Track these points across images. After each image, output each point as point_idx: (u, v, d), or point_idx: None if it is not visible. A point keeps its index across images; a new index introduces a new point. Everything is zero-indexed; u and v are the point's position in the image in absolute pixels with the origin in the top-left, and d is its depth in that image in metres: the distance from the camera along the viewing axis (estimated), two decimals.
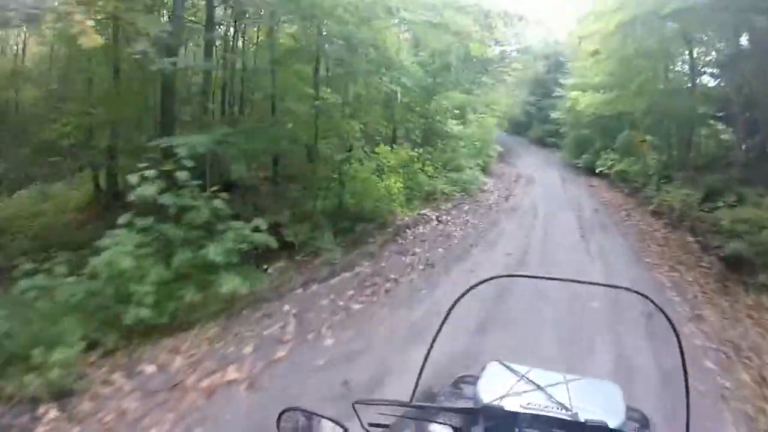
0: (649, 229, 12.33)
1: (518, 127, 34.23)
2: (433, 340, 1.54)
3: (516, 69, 37.83)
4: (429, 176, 15.85)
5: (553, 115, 27.16)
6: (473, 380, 1.50)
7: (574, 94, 22.30)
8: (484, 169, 21.29)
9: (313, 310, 6.78)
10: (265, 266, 8.46)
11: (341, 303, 7.08)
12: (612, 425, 1.16)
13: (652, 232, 11.97)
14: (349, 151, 11.68)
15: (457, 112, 20.16)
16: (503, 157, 24.60)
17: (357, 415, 1.26)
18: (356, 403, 1.26)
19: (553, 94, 27.63)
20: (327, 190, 11.72)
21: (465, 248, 10.22)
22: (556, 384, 1.33)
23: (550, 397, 1.26)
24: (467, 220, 12.55)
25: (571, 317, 6.51)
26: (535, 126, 32.54)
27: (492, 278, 1.58)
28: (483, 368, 1.47)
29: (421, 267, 8.86)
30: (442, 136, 19.41)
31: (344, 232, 11.21)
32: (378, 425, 1.35)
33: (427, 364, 1.54)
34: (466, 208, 14.53)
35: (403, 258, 9.38)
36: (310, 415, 1.36)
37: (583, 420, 1.16)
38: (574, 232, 11.62)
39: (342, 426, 1.33)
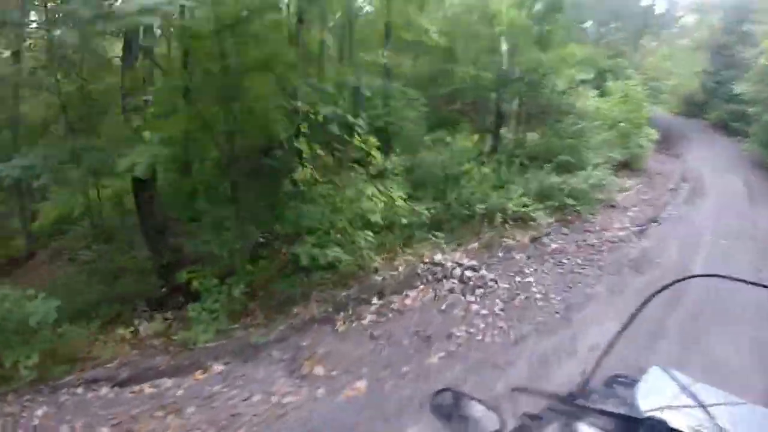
0: None
1: (694, 108, 26.56)
2: (619, 333, 1.37)
3: (686, 27, 28.90)
4: (500, 182, 9.22)
5: (738, 89, 18.03)
6: (629, 382, 1.41)
7: None
8: (631, 166, 14.18)
9: None
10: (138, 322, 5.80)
11: None
12: None
13: None
14: (296, 135, 5.85)
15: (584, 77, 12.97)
16: (666, 146, 17.79)
17: (513, 401, 1.24)
18: (515, 389, 1.26)
19: (739, 54, 19.48)
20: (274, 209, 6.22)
21: None
22: (719, 405, 1.20)
23: (712, 419, 1.13)
24: (525, 287, 6.07)
25: None
26: (714, 105, 23.92)
27: (689, 277, 1.42)
28: (643, 371, 1.38)
29: None
30: (560, 113, 12.28)
31: (263, 294, 5.85)
32: (532, 416, 1.23)
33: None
34: (551, 248, 7.77)
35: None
36: (462, 395, 1.31)
37: None
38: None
39: (494, 410, 1.23)
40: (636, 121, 14.47)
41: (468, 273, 6.31)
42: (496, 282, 6.25)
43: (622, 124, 14.09)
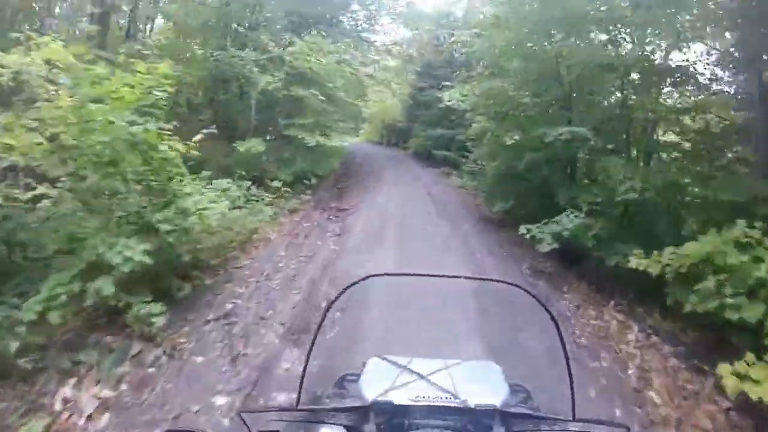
0: None
1: (399, 136, 22.72)
2: (312, 342, 1.30)
3: (394, 45, 22.61)
4: None
5: (447, 99, 9.76)
6: (356, 378, 1.34)
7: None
8: None
9: None
10: None
11: None
12: (498, 405, 1.11)
13: None
14: None
15: None
16: (339, 194, 10.83)
17: (245, 424, 1.08)
18: (242, 412, 1.14)
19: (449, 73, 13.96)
20: None
21: None
22: (438, 371, 1.23)
23: (435, 384, 1.16)
24: None
25: None
26: (417, 132, 18.59)
27: (367, 277, 1.27)
28: (364, 364, 1.35)
29: None
30: None
31: None
32: None
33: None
34: None
35: None
36: None
37: (472, 405, 1.08)
38: None
39: None
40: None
41: None
42: None
43: None
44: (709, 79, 6.02)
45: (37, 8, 7.98)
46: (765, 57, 5.27)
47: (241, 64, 8.95)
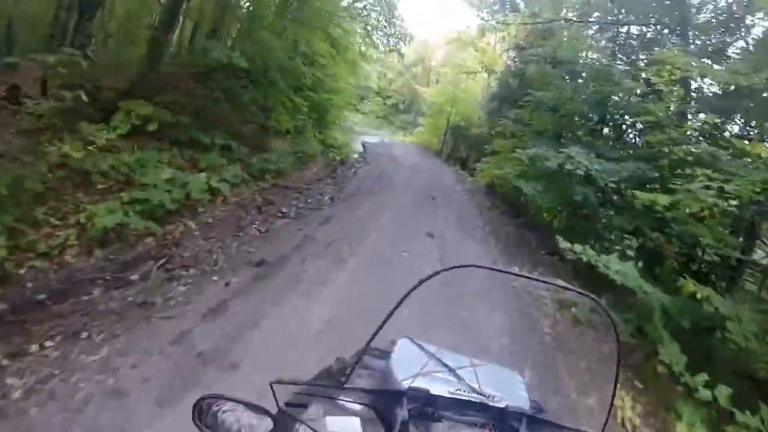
0: None
1: (471, 148, 14.25)
2: (376, 332, 0.99)
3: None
4: None
5: None
6: (381, 354, 1.27)
7: None
8: None
9: None
10: None
11: None
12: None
13: None
14: None
15: None
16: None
17: (274, 394, 0.98)
18: (274, 383, 0.98)
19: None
20: None
21: None
22: (465, 367, 1.16)
23: (461, 379, 1.09)
24: None
25: None
26: (502, 145, 8.75)
27: (449, 268, 0.98)
28: (394, 343, 1.24)
29: None
30: None
31: None
32: (294, 405, 1.06)
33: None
34: None
35: None
36: (225, 401, 1.06)
37: (503, 405, 1.01)
38: None
39: (265, 411, 1.02)
40: None
41: None
42: None
43: None
44: None
45: None
46: None
47: None
